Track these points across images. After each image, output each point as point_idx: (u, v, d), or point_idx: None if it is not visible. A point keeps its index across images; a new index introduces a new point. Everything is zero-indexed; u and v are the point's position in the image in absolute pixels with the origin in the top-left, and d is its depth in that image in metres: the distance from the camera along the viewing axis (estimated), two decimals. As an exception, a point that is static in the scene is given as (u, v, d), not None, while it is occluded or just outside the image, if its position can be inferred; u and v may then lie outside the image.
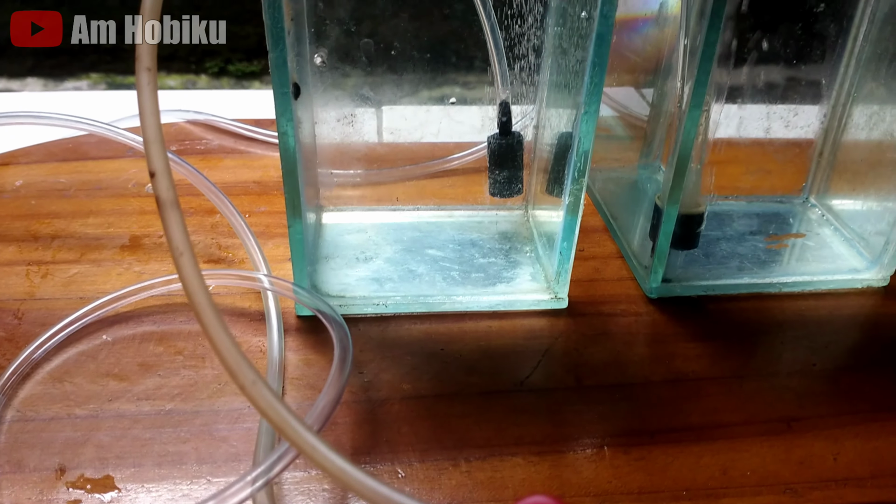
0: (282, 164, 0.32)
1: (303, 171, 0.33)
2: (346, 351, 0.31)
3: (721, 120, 0.42)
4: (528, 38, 0.38)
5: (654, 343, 0.36)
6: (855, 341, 0.37)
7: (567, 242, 0.36)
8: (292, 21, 0.29)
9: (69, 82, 1.91)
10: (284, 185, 0.33)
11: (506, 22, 0.38)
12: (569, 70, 0.34)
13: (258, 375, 0.22)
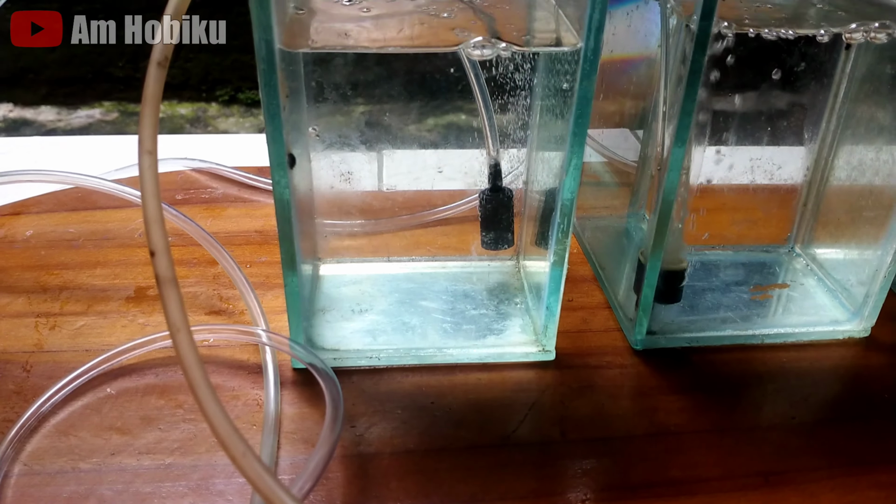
0: (278, 225, 0.34)
1: (298, 230, 0.35)
2: (336, 409, 0.32)
3: (707, 170, 0.43)
4: (517, 100, 0.40)
5: (638, 396, 0.37)
6: (834, 394, 0.38)
7: (553, 297, 0.37)
8: (287, 98, 0.31)
9: (82, 110, 1.95)
10: (280, 244, 0.34)
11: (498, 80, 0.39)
12: (551, 137, 0.36)
13: (248, 447, 0.24)
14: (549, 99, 0.37)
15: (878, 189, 0.40)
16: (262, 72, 0.30)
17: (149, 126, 0.27)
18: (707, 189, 0.44)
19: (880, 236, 0.39)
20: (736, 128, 0.42)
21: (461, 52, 0.31)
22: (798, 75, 0.42)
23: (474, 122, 0.40)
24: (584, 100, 0.32)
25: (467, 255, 0.45)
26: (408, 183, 0.43)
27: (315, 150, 0.41)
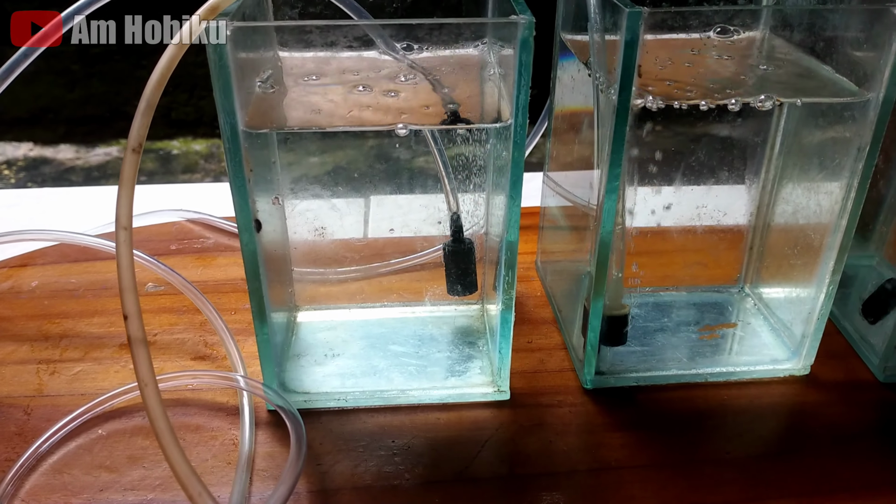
0: (247, 281, 0.37)
1: (267, 284, 0.38)
2: (300, 449, 0.36)
3: (657, 216, 0.47)
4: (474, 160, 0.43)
5: (584, 433, 0.40)
6: (769, 429, 0.41)
7: (504, 341, 0.41)
8: (251, 171, 0.35)
9: (100, 148, 2.01)
10: (251, 298, 0.38)
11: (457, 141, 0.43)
12: (496, 200, 0.39)
13: (204, 488, 0.27)
14: (498, 161, 0.40)
15: (809, 232, 0.43)
16: (227, 150, 0.34)
17: (125, 205, 0.31)
18: (658, 233, 0.48)
19: (812, 277, 0.42)
20: (681, 177, 0.46)
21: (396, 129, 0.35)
22: (737, 129, 0.45)
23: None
24: (516, 166, 0.35)
25: (436, 300, 0.49)
26: (380, 232, 0.47)
27: (290, 207, 0.44)
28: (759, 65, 0.41)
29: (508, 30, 0.33)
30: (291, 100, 0.37)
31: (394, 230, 0.46)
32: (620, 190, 0.38)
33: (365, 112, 0.35)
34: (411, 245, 0.48)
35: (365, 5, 0.42)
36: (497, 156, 0.39)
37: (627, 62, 0.34)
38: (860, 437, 0.40)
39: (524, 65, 0.33)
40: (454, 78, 0.38)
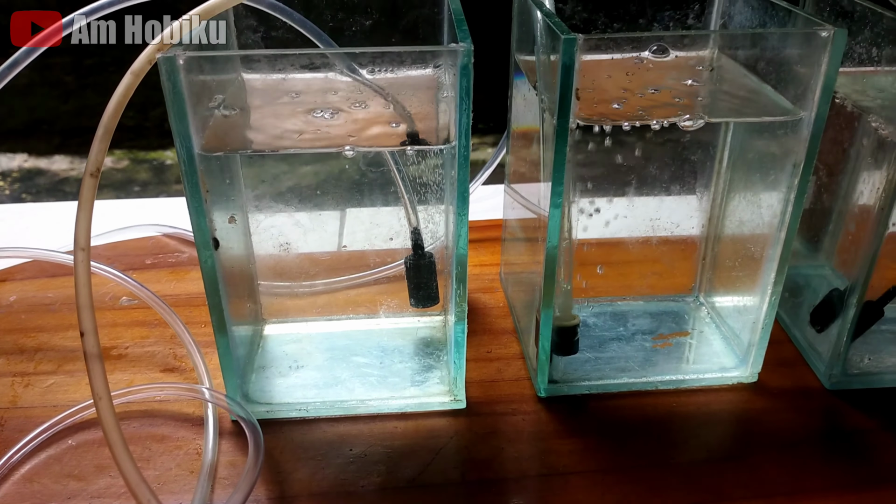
0: (207, 296, 0.39)
1: (227, 298, 0.40)
2: (257, 457, 0.37)
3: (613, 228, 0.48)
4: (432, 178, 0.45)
5: (534, 440, 0.42)
6: (714, 436, 0.43)
7: (458, 352, 0.42)
8: (208, 192, 0.37)
9: (94, 159, 2.03)
10: (210, 312, 0.39)
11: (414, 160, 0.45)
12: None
13: (153, 495, 0.29)
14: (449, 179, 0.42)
15: (753, 243, 0.44)
16: (183, 172, 0.35)
17: (83, 227, 0.32)
18: (614, 244, 0.49)
19: (756, 287, 0.44)
20: (633, 190, 0.48)
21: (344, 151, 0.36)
22: (686, 144, 0.47)
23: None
24: (462, 184, 0.37)
25: (399, 312, 0.50)
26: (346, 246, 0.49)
27: (255, 223, 0.46)
28: (705, 84, 0.43)
29: (448, 57, 0.34)
30: (249, 122, 0.39)
31: (346, 246, 0.47)
32: (564, 206, 0.39)
33: (319, 133, 0.37)
34: (375, 259, 0.50)
35: (325, 28, 0.44)
36: (447, 174, 0.41)
37: (565, 85, 0.36)
38: (802, 443, 0.42)
39: (465, 89, 0.34)
40: (411, 99, 0.40)
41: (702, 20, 0.48)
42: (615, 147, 0.45)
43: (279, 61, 0.36)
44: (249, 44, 0.45)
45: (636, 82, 0.40)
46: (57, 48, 0.82)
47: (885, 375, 0.46)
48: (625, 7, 0.47)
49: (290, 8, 0.43)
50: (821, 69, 0.37)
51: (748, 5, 0.44)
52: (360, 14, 0.45)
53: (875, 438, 0.42)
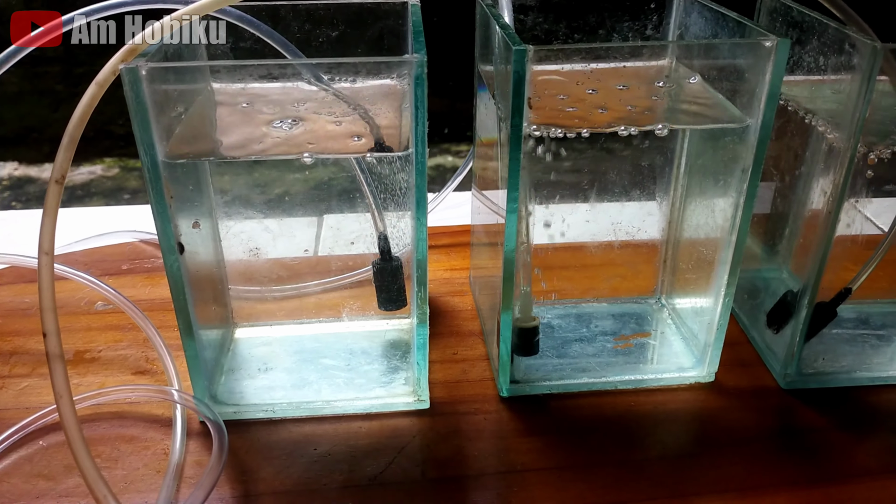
0: (173, 300, 0.40)
1: (193, 302, 0.41)
2: (220, 456, 0.38)
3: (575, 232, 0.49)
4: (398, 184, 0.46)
5: (495, 439, 0.43)
6: (670, 434, 0.44)
7: (421, 353, 0.43)
8: (172, 198, 0.38)
9: (84, 167, 2.04)
10: (177, 316, 0.40)
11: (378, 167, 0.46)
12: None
13: (109, 491, 0.30)
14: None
15: (707, 246, 0.45)
16: (147, 179, 0.37)
17: (48, 233, 0.34)
18: (578, 248, 0.51)
19: (711, 289, 0.45)
20: (595, 195, 0.49)
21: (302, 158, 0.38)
22: (644, 151, 0.48)
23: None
24: (419, 191, 0.38)
25: (368, 315, 0.51)
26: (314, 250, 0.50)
27: (224, 229, 0.47)
28: (659, 93, 0.44)
29: (402, 67, 0.36)
30: (214, 130, 0.40)
31: (308, 250, 0.48)
32: (521, 211, 0.41)
33: (280, 141, 0.38)
34: (346, 263, 0.51)
35: (292, 39, 0.45)
36: (407, 180, 0.42)
37: (517, 94, 0.37)
38: (756, 441, 0.43)
39: (419, 99, 0.36)
40: (376, 108, 0.41)
41: (660, 30, 0.49)
42: (575, 154, 0.46)
43: (238, 72, 0.38)
44: (218, 54, 0.46)
45: (602, 91, 0.41)
46: (47, 57, 0.82)
47: (839, 375, 0.47)
48: (584, 18, 0.48)
49: (257, 20, 0.44)
50: (766, 78, 0.38)
51: (702, 16, 0.45)
52: (326, 25, 0.46)
53: (826, 436, 0.43)
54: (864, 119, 0.38)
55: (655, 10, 0.48)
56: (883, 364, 0.48)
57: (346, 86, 0.41)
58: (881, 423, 0.44)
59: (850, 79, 0.39)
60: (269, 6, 0.45)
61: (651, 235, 0.51)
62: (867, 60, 0.37)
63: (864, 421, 0.44)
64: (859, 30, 0.39)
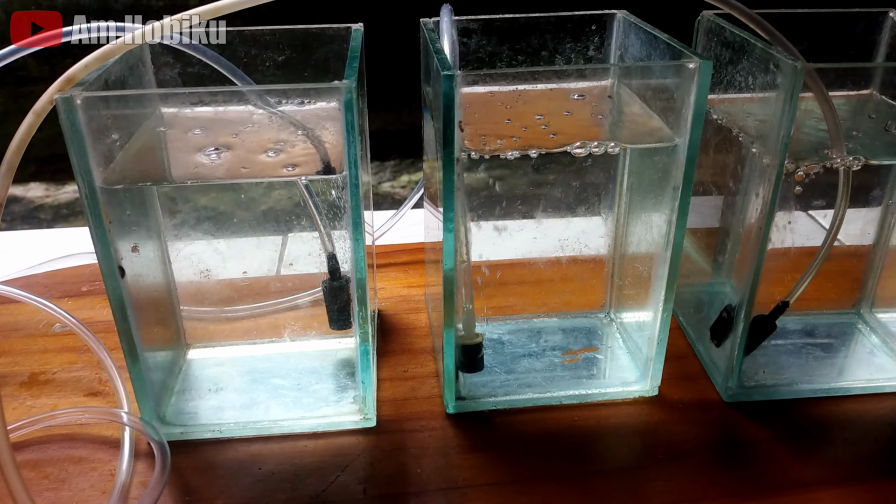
0: (116, 324, 0.41)
1: (137, 325, 0.41)
2: (161, 475, 0.39)
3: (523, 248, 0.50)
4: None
5: (438, 455, 0.44)
6: (610, 448, 0.44)
7: (365, 372, 0.44)
8: (111, 223, 0.38)
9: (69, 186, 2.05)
10: (120, 338, 0.41)
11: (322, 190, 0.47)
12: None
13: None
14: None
15: (647, 262, 0.46)
16: (86, 204, 0.37)
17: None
18: (526, 265, 0.51)
19: (650, 303, 0.46)
20: (542, 212, 0.50)
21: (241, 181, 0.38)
22: (588, 169, 0.49)
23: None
24: (355, 211, 0.39)
25: (320, 335, 0.52)
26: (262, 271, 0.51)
27: (174, 251, 0.48)
28: (597, 113, 0.45)
29: (330, 93, 0.36)
30: (154, 155, 0.41)
31: (247, 272, 0.49)
32: (458, 231, 0.41)
33: (218, 165, 0.39)
34: (298, 283, 0.52)
35: (239, 63, 0.46)
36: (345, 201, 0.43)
37: (447, 118, 0.38)
38: (695, 454, 0.44)
39: (349, 123, 0.37)
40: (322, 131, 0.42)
41: (602, 51, 0.50)
42: (519, 172, 0.47)
43: (174, 98, 0.38)
44: (167, 80, 0.47)
45: (528, 112, 0.42)
46: (33, 77, 0.82)
47: (781, 387, 0.48)
48: (526, 41, 0.49)
49: (203, 45, 0.45)
50: (691, 98, 0.39)
51: (638, 38, 0.46)
52: (272, 50, 0.47)
53: (766, 448, 0.44)
54: (788, 136, 0.39)
55: (596, 31, 0.50)
56: (826, 376, 0.49)
57: (296, 108, 0.42)
58: (820, 435, 0.45)
59: (775, 97, 0.40)
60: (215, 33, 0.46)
61: (598, 251, 0.52)
62: (789, 79, 0.38)
63: (803, 433, 0.45)
64: (784, 49, 0.40)
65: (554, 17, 0.49)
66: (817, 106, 0.40)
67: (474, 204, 0.50)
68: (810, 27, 0.50)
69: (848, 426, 0.46)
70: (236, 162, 0.39)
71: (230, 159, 0.39)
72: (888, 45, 0.50)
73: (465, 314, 0.45)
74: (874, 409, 0.47)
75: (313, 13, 0.75)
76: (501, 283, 0.53)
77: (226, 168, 0.39)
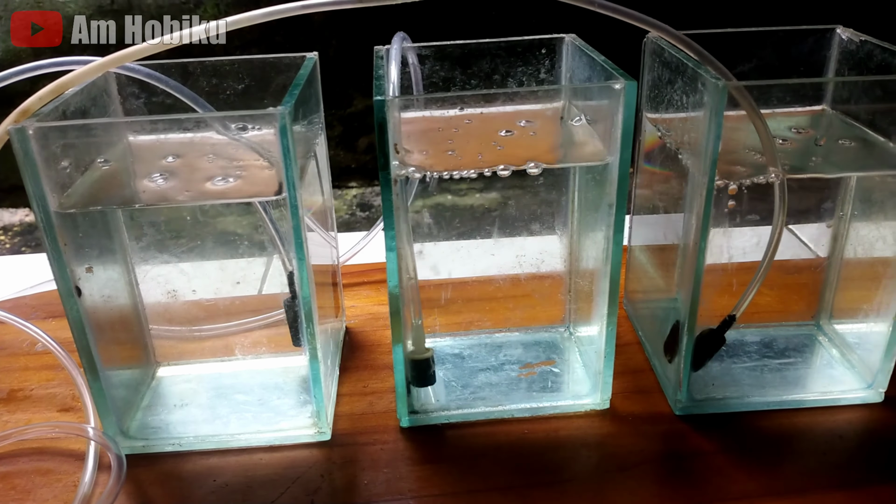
0: (75, 342, 0.43)
1: (96, 342, 0.43)
2: (115, 488, 0.41)
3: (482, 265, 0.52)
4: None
5: (387, 467, 0.45)
6: (557, 460, 0.45)
7: (317, 387, 0.45)
8: (66, 245, 0.41)
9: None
10: (80, 356, 0.43)
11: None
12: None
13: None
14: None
15: (593, 278, 0.47)
16: (42, 228, 0.40)
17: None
18: (486, 281, 0.53)
19: (594, 318, 0.47)
20: (498, 229, 0.51)
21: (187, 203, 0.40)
22: (541, 188, 0.51)
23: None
24: (296, 232, 0.41)
25: (285, 351, 0.54)
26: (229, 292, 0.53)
27: (142, 273, 0.50)
28: (539, 134, 0.46)
29: (266, 119, 0.38)
30: (108, 180, 0.43)
31: (194, 291, 0.51)
32: (401, 250, 0.43)
33: (165, 189, 0.41)
34: (263, 302, 0.54)
35: (201, 93, 0.48)
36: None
37: (381, 141, 0.39)
38: (639, 465, 0.44)
39: (286, 148, 0.38)
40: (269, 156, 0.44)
41: (552, 74, 0.52)
42: (472, 191, 0.49)
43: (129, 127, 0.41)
44: (134, 109, 0.49)
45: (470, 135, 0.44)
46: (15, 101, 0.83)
47: (731, 400, 0.48)
48: (478, 65, 0.51)
49: (166, 76, 0.47)
50: (619, 118, 0.40)
51: (582, 61, 0.48)
52: (232, 79, 0.50)
53: (711, 461, 0.45)
54: (716, 152, 0.40)
55: (547, 55, 0.51)
56: (779, 389, 0.49)
57: (258, 133, 0.44)
58: (768, 448, 0.45)
59: (703, 115, 0.41)
60: (178, 63, 0.49)
61: (556, 268, 0.53)
62: (713, 97, 0.39)
63: (751, 446, 0.46)
64: (713, 69, 0.41)
65: (504, 42, 0.51)
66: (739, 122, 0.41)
67: (433, 223, 0.52)
68: (761, 46, 0.51)
69: (797, 439, 0.46)
70: (180, 186, 0.41)
71: (175, 184, 0.41)
72: (837, 61, 0.51)
73: (414, 329, 0.46)
74: (825, 422, 0.47)
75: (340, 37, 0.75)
76: (467, 300, 0.55)
77: (169, 192, 0.41)
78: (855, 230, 0.50)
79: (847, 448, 0.45)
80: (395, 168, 0.41)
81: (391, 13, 0.53)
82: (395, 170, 0.41)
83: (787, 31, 0.51)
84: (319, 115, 0.50)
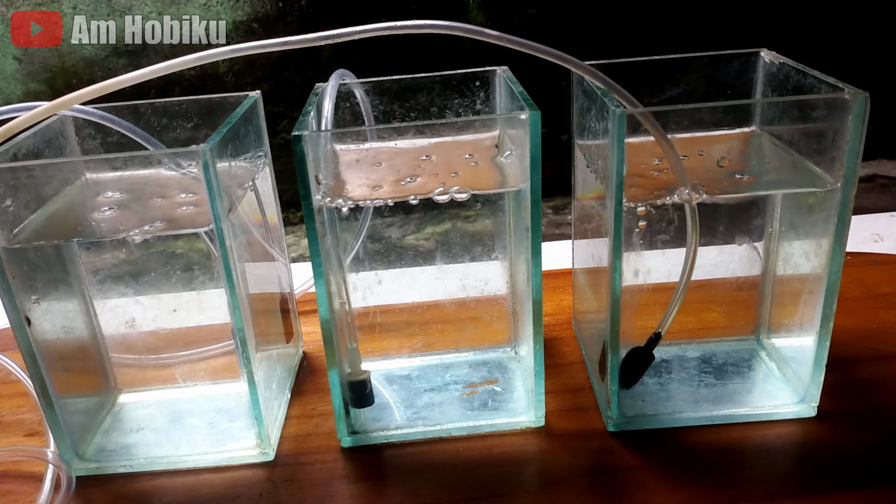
0: (27, 368, 0.45)
1: (49, 370, 0.46)
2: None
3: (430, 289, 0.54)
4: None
5: (324, 486, 0.47)
6: (487, 477, 0.46)
7: (256, 409, 0.48)
8: (14, 278, 0.44)
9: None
10: (32, 381, 0.46)
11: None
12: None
13: None
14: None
15: (523, 300, 0.49)
16: (-9, 263, 0.43)
17: None
18: (433, 306, 0.55)
19: (525, 338, 0.49)
20: (440, 256, 0.53)
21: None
22: (479, 214, 0.53)
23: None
24: (226, 262, 0.43)
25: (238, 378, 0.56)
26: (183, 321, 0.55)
27: (100, 305, 0.53)
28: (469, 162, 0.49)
29: (190, 157, 0.41)
30: (56, 215, 0.46)
31: (154, 319, 0.54)
32: (328, 277, 0.45)
33: (108, 223, 0.44)
34: (223, 330, 0.56)
35: (153, 132, 0.51)
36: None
37: (301, 173, 0.42)
38: (566, 481, 0.46)
39: (209, 182, 0.41)
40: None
41: (488, 105, 0.54)
42: (410, 219, 0.51)
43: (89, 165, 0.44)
44: (91, 149, 0.53)
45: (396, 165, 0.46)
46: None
47: (663, 416, 0.49)
48: (415, 99, 0.53)
49: (118, 117, 0.50)
50: (527, 146, 0.42)
51: (507, 94, 0.50)
52: (181, 118, 0.53)
53: (636, 476, 0.46)
54: (621, 175, 0.42)
55: (481, 87, 0.53)
56: (710, 404, 0.50)
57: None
58: (692, 462, 0.46)
59: (608, 141, 0.43)
60: (130, 105, 0.52)
61: (498, 291, 0.55)
62: (614, 124, 0.41)
63: (677, 461, 0.47)
64: (619, 96, 0.43)
65: (439, 76, 0.53)
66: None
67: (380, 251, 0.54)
68: (687, 71, 0.53)
69: (725, 453, 0.47)
70: (121, 219, 0.44)
71: (116, 216, 0.44)
72: (763, 84, 0.53)
73: (349, 352, 0.48)
74: (755, 437, 0.48)
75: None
76: (420, 323, 0.56)
77: (109, 226, 0.44)
78: (783, 247, 0.51)
79: (772, 462, 0.46)
80: (317, 200, 0.43)
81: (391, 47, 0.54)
82: (317, 201, 0.43)
83: (714, 56, 0.53)
84: (263, 150, 0.53)
